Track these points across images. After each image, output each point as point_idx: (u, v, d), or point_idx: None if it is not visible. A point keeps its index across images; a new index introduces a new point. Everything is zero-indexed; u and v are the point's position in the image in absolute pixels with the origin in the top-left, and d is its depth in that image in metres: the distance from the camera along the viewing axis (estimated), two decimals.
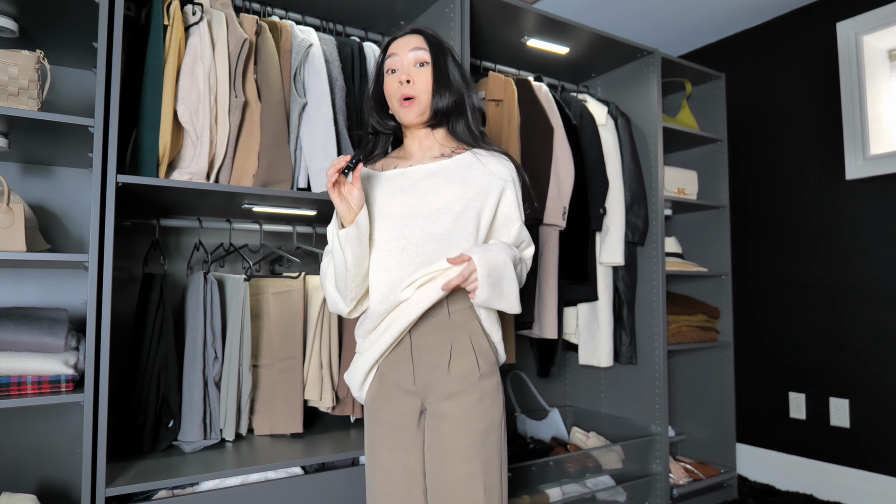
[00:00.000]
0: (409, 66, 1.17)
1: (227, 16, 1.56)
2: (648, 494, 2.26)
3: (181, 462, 1.48)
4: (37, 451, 1.65)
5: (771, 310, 2.77)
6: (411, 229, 1.14)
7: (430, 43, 1.19)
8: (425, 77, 1.17)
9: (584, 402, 2.65)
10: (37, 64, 1.31)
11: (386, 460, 1.16)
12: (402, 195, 1.16)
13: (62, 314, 1.48)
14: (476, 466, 1.11)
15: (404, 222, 1.15)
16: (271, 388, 1.70)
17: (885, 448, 2.33)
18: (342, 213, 1.10)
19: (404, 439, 1.16)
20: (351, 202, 1.09)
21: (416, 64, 1.17)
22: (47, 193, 1.72)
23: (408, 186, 1.17)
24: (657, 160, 2.34)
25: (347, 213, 1.10)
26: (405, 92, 1.16)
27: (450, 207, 1.14)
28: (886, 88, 2.51)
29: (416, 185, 1.17)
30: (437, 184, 1.16)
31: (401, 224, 1.15)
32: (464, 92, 1.21)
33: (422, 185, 1.16)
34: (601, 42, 2.24)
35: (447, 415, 1.13)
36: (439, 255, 1.13)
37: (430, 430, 1.15)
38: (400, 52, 1.18)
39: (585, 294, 2.21)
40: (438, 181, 1.16)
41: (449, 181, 1.16)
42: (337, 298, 1.18)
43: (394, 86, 1.18)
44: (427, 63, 1.17)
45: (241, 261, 1.91)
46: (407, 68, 1.17)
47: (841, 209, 2.54)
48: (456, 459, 1.11)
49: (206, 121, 1.48)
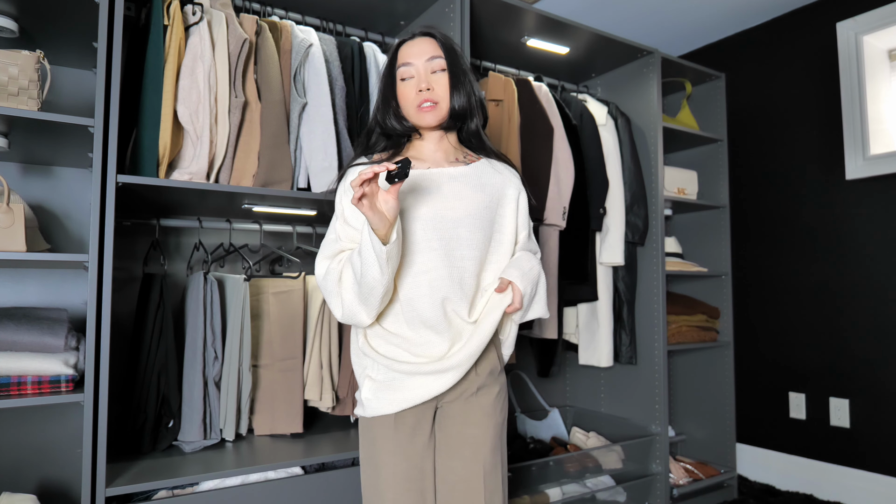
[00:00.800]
0: (427, 73, 1.17)
1: (227, 16, 1.56)
2: (648, 494, 2.26)
3: (181, 462, 1.48)
4: (37, 451, 1.65)
5: (771, 310, 2.77)
6: (444, 231, 1.12)
7: (445, 47, 1.19)
8: (443, 83, 1.17)
9: (584, 402, 2.65)
10: (37, 64, 1.31)
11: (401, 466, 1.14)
12: (429, 197, 1.14)
13: (62, 314, 1.47)
14: (497, 459, 1.17)
15: (436, 224, 1.12)
16: (271, 388, 1.70)
17: (885, 448, 2.33)
18: (375, 225, 0.99)
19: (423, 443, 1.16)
20: (386, 213, 1.00)
21: (433, 71, 1.17)
22: (47, 193, 1.72)
23: (433, 189, 1.16)
24: (657, 160, 2.34)
25: (381, 224, 1.00)
26: (426, 97, 1.16)
27: (478, 214, 1.15)
28: (886, 88, 2.51)
29: (441, 189, 1.16)
30: (461, 189, 1.16)
31: (432, 226, 1.12)
32: (475, 92, 1.23)
33: (447, 190, 1.16)
34: (601, 42, 2.24)
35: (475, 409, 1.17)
36: (479, 265, 1.16)
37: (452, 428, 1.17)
38: (415, 61, 1.17)
39: (585, 294, 2.21)
40: (461, 187, 1.16)
41: (472, 188, 1.17)
42: (358, 310, 1.09)
43: (411, 93, 1.17)
44: (444, 69, 1.18)
45: (241, 261, 1.91)
46: (425, 76, 1.17)
47: (841, 209, 2.53)
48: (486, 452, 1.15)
49: (206, 121, 1.48)
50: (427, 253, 1.11)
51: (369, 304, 1.08)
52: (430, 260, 1.11)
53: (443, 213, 1.12)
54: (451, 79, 1.17)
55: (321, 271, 1.14)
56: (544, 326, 2.04)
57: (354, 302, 1.08)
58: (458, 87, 1.17)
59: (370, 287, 1.05)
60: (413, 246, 1.12)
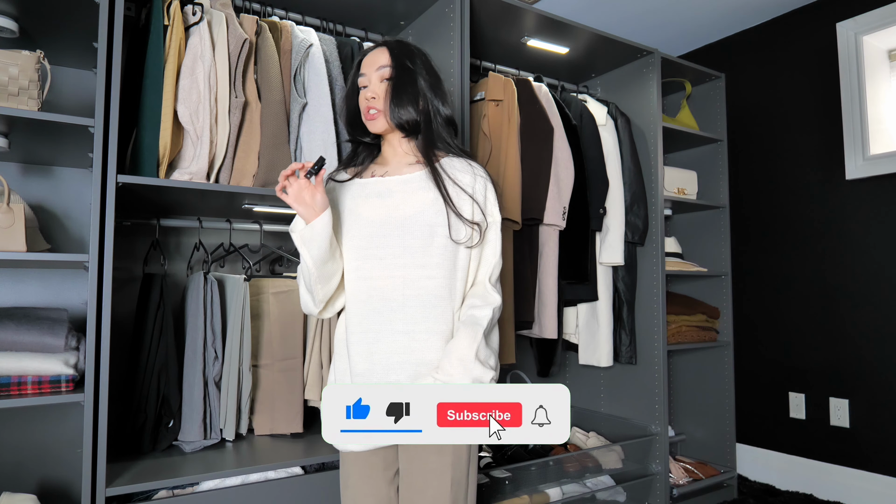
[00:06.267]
0: (376, 82, 1.22)
1: (227, 16, 1.56)
2: (648, 494, 2.26)
3: (181, 462, 1.48)
4: (37, 451, 1.65)
5: (771, 310, 2.77)
6: (388, 238, 1.16)
7: (395, 56, 1.22)
8: (386, 91, 1.21)
9: (584, 401, 2.65)
10: (37, 64, 1.31)
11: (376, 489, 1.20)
12: (377, 200, 1.20)
13: (62, 314, 1.47)
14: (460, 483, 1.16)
15: (381, 231, 1.17)
16: (271, 388, 1.70)
17: (885, 448, 2.33)
18: (303, 215, 1.13)
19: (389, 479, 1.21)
20: (314, 206, 1.12)
21: (381, 80, 1.22)
22: (47, 193, 1.72)
23: (383, 192, 1.21)
24: (657, 160, 2.34)
25: (308, 215, 1.12)
26: (369, 105, 1.22)
27: (423, 218, 1.17)
28: (886, 88, 2.51)
29: (392, 192, 1.20)
30: (411, 192, 1.19)
31: (378, 232, 1.17)
32: (430, 102, 1.23)
33: (397, 193, 1.20)
34: (601, 42, 2.24)
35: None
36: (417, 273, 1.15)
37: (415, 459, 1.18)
38: (367, 71, 1.23)
39: (585, 294, 2.21)
40: (412, 189, 1.20)
41: (424, 190, 1.19)
42: (307, 299, 1.21)
43: (363, 101, 1.24)
44: (389, 79, 1.21)
45: (241, 261, 1.91)
46: (374, 85, 1.22)
47: (841, 209, 2.53)
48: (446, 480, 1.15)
49: (206, 121, 1.48)
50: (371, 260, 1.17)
51: (311, 291, 1.18)
52: (372, 267, 1.17)
53: (389, 218, 1.17)
54: (393, 88, 1.20)
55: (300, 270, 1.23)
56: (544, 326, 2.04)
57: (303, 290, 1.21)
58: (399, 95, 1.20)
59: (307, 273, 1.17)
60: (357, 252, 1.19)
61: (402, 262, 1.15)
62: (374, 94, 1.21)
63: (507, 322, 1.89)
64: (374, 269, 1.16)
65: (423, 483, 1.14)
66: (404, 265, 1.15)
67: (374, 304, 1.16)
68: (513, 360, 1.90)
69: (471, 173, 1.23)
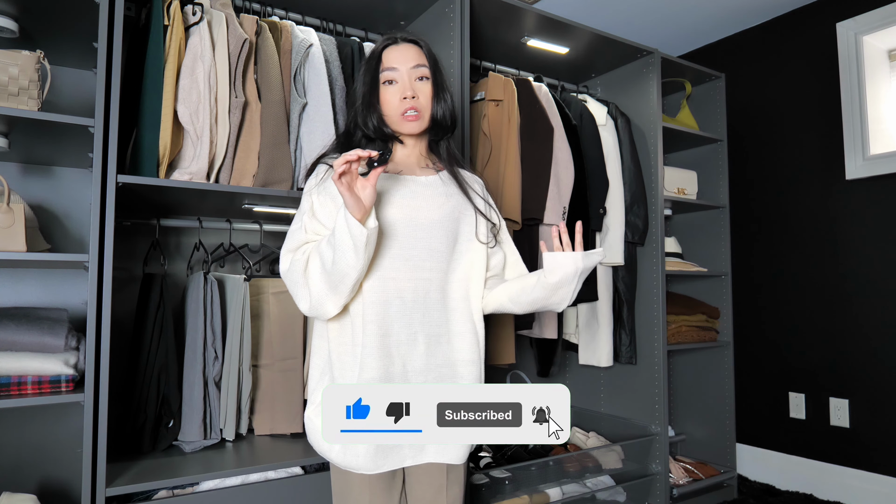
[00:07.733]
0: (412, 81, 1.17)
1: (227, 16, 1.56)
2: (648, 494, 2.26)
3: (181, 462, 1.48)
4: (37, 451, 1.65)
5: (771, 310, 2.77)
6: (413, 239, 1.13)
7: (430, 58, 1.21)
8: (427, 91, 1.18)
9: (584, 401, 2.65)
10: (37, 64, 1.31)
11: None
12: (400, 200, 1.15)
13: (62, 314, 1.47)
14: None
15: (407, 231, 1.13)
16: (271, 388, 1.70)
17: (885, 448, 2.33)
18: (352, 209, 0.99)
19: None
20: (363, 200, 1.00)
21: (418, 78, 1.18)
22: (47, 193, 1.72)
23: (407, 194, 1.16)
24: (657, 160, 2.34)
25: (356, 209, 0.99)
26: (411, 105, 1.16)
27: (449, 222, 1.17)
28: (886, 88, 2.51)
29: (415, 194, 1.17)
30: (433, 196, 1.18)
31: (402, 232, 1.13)
32: (453, 104, 1.24)
33: (421, 195, 1.17)
34: (601, 42, 2.24)
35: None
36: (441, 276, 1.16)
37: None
38: (400, 67, 1.16)
39: (585, 294, 2.20)
40: (433, 194, 1.18)
41: (446, 196, 1.19)
42: (327, 300, 1.07)
43: (395, 99, 1.16)
44: (428, 78, 1.19)
45: (241, 261, 1.91)
46: (410, 83, 1.16)
47: (841, 209, 2.53)
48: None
49: (206, 121, 1.48)
50: (396, 260, 1.12)
51: (339, 292, 1.06)
52: (395, 268, 1.12)
53: (414, 220, 1.14)
54: (435, 88, 1.19)
55: (285, 265, 1.10)
56: (544, 326, 2.04)
57: (323, 290, 1.06)
58: (440, 98, 1.19)
59: (342, 274, 1.03)
60: (382, 250, 1.12)
61: (429, 265, 1.14)
62: (413, 93, 1.15)
63: (507, 322, 1.89)
64: (400, 269, 1.12)
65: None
66: (430, 268, 1.14)
67: (395, 305, 1.11)
68: (513, 360, 1.90)
69: (471, 176, 1.29)
